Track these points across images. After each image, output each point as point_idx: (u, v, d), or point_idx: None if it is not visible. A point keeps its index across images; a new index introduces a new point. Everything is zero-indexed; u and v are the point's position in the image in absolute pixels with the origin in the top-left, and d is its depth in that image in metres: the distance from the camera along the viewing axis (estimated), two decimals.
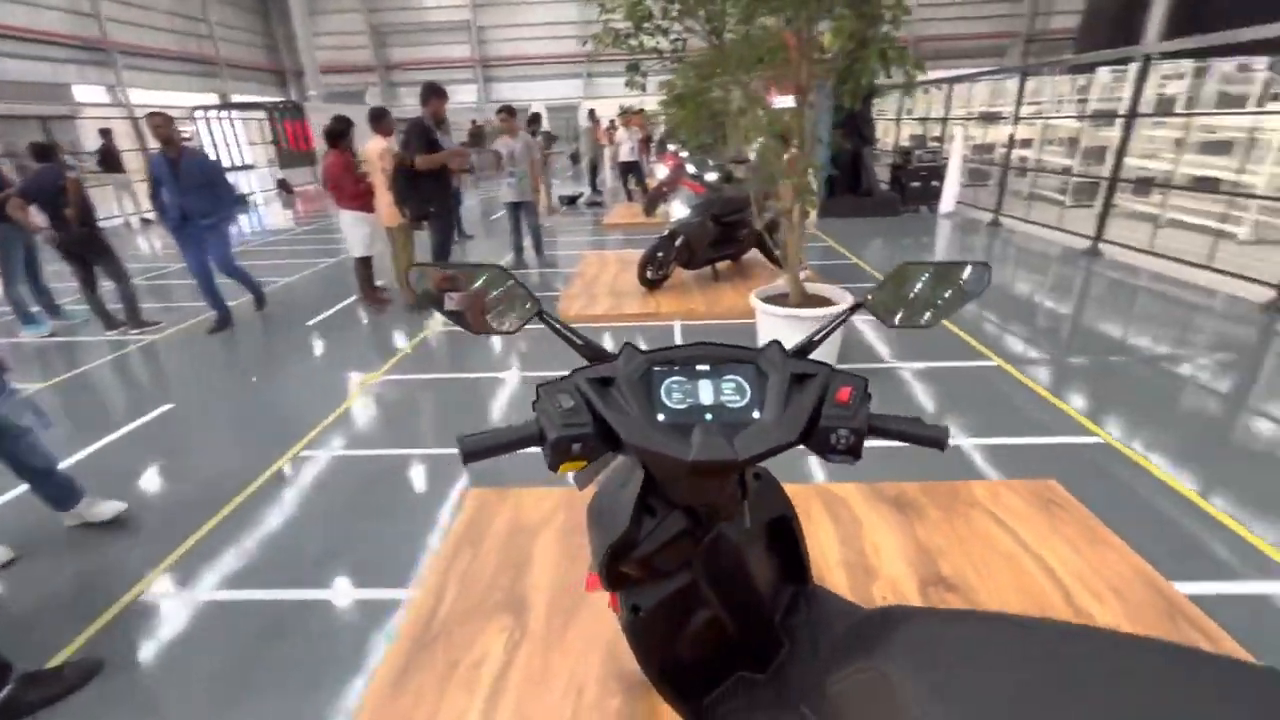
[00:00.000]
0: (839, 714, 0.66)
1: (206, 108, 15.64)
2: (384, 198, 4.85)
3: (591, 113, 13.60)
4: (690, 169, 5.30)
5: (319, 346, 4.60)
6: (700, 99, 3.55)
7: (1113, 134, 7.44)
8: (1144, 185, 7.62)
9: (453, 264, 0.86)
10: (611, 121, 12.70)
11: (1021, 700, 0.51)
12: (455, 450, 0.71)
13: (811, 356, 0.80)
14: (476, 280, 0.85)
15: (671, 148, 7.15)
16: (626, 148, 10.46)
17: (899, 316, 0.88)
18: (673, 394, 0.73)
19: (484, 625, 1.50)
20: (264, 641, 1.87)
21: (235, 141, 16.02)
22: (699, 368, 0.75)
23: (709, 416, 0.71)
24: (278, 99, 20.70)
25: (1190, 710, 0.45)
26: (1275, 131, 6.39)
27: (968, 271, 0.88)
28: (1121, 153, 6.46)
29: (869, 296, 0.89)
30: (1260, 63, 6.79)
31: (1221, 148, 7.06)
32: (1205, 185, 7.11)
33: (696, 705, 0.88)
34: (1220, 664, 0.50)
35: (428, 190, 4.88)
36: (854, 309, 0.90)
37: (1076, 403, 3.20)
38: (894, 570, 1.63)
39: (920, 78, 3.10)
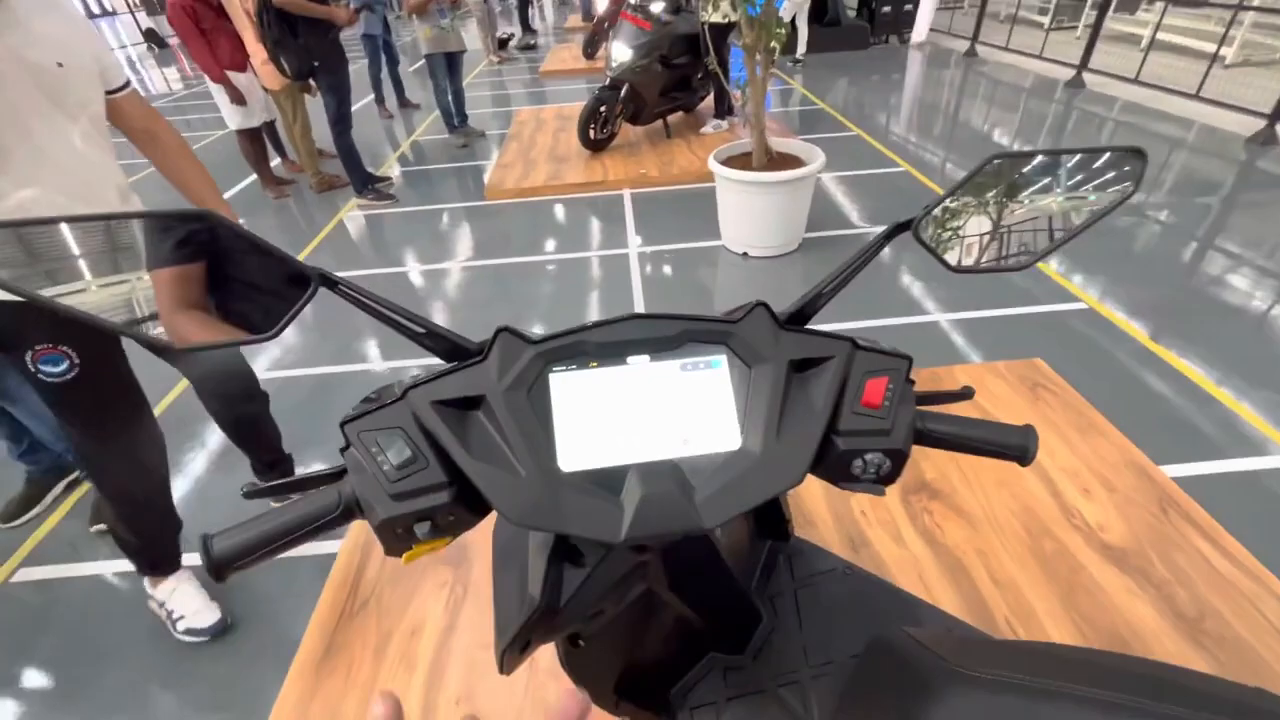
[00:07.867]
0: (824, 706, 0.55)
1: None
2: (257, 51, 3.86)
3: None
4: None
5: None
6: None
7: None
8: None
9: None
10: None
11: None
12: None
13: (814, 322, 0.49)
14: None
15: None
16: None
17: (967, 250, 0.52)
18: (586, 418, 0.43)
19: (419, 583, 1.26)
20: None
21: None
22: (629, 360, 0.44)
23: (651, 453, 0.43)
24: None
25: None
26: None
27: (1104, 163, 0.50)
28: None
29: (922, 215, 0.51)
30: None
31: None
32: None
33: (662, 695, 0.69)
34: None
35: (309, 39, 3.76)
36: (892, 234, 0.52)
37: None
38: None
39: None
